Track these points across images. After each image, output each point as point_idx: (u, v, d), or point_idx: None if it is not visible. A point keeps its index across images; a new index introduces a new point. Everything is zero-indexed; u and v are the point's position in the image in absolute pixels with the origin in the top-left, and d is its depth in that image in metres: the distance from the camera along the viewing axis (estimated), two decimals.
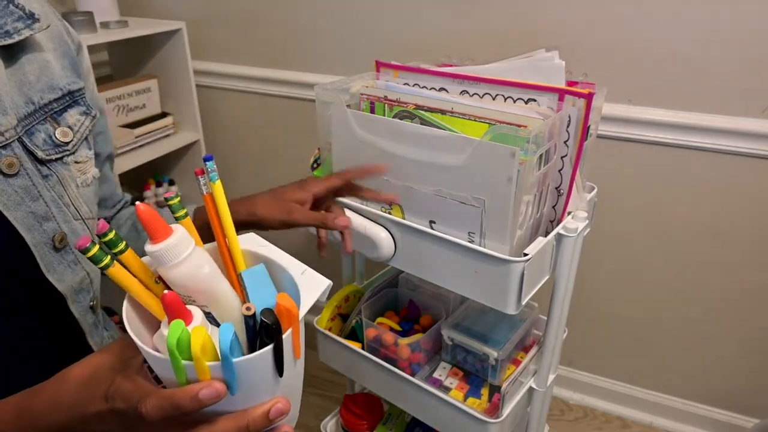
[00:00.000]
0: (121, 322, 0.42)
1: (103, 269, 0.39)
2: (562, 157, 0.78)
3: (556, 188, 0.81)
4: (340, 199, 0.85)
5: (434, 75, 0.85)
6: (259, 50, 1.47)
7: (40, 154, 0.56)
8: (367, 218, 0.84)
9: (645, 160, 1.17)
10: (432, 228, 0.78)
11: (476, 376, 0.99)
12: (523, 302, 0.74)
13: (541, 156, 0.72)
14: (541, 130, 0.69)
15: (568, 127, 0.75)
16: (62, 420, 0.43)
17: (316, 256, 1.83)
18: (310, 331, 1.12)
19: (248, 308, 0.38)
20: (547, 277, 0.82)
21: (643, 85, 1.11)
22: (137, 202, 0.39)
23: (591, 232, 0.89)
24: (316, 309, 1.89)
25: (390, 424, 1.21)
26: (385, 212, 0.82)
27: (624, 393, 1.44)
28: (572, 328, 1.28)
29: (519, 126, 0.70)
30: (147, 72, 1.54)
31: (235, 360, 0.36)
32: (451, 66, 0.89)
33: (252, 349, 0.40)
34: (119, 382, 0.40)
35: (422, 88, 0.85)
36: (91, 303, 0.63)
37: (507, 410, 0.87)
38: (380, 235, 0.82)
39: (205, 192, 0.45)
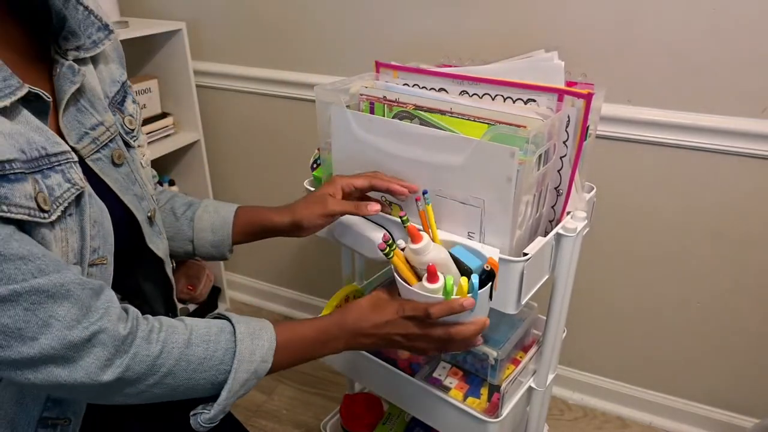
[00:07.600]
0: None
1: (387, 257, 0.64)
2: (561, 158, 0.78)
3: (556, 188, 0.81)
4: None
5: (434, 75, 0.85)
6: (259, 50, 1.47)
7: (130, 143, 0.65)
8: (366, 218, 0.84)
9: (644, 160, 1.17)
10: None
11: (476, 375, 0.99)
12: (523, 302, 0.74)
13: (540, 156, 0.72)
14: (541, 131, 0.69)
15: (567, 127, 0.75)
16: (365, 325, 0.65)
17: (320, 256, 1.81)
18: None
19: (486, 266, 0.67)
20: (546, 277, 0.82)
21: (643, 85, 1.11)
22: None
23: (590, 231, 0.89)
24: (315, 309, 1.87)
25: (390, 424, 1.21)
26: (384, 213, 0.82)
27: (624, 393, 1.44)
28: (572, 327, 1.28)
29: (518, 126, 0.70)
30: (147, 72, 1.54)
31: (479, 291, 0.63)
32: (450, 66, 0.89)
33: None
34: (404, 302, 0.65)
35: (422, 88, 0.85)
36: (173, 264, 0.78)
37: (506, 410, 0.87)
38: (379, 235, 0.82)
39: (420, 208, 0.70)
